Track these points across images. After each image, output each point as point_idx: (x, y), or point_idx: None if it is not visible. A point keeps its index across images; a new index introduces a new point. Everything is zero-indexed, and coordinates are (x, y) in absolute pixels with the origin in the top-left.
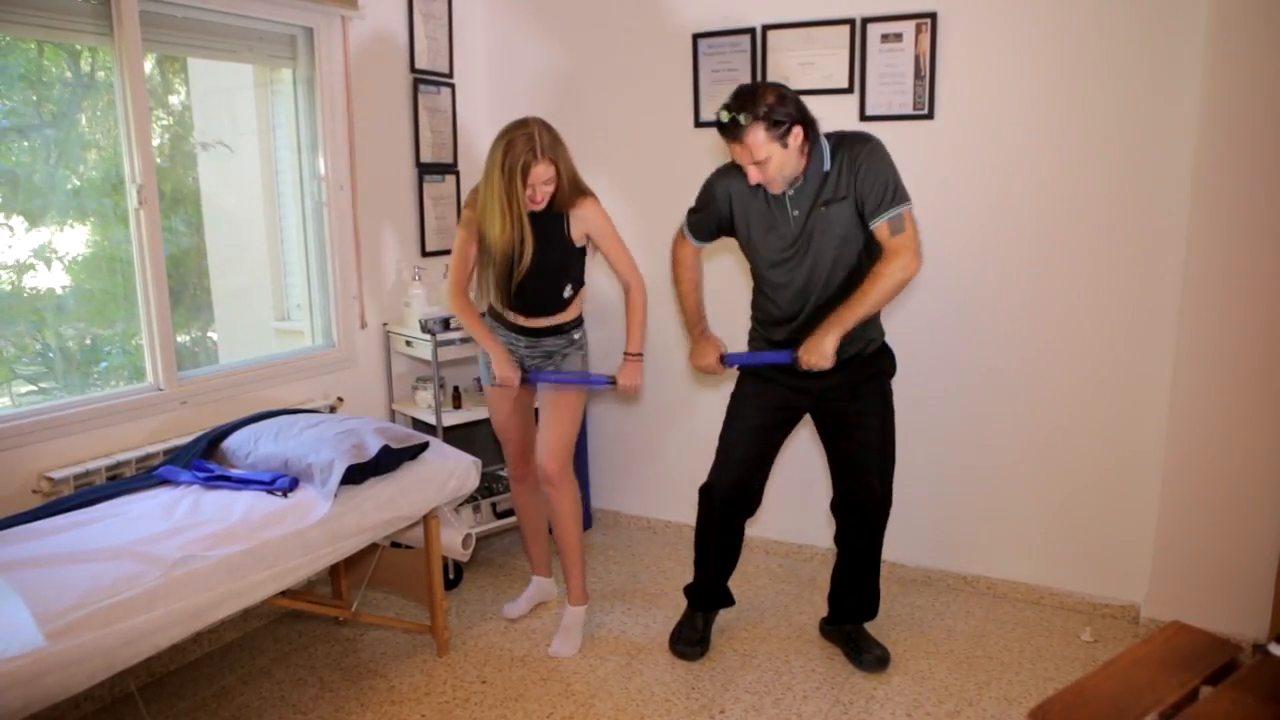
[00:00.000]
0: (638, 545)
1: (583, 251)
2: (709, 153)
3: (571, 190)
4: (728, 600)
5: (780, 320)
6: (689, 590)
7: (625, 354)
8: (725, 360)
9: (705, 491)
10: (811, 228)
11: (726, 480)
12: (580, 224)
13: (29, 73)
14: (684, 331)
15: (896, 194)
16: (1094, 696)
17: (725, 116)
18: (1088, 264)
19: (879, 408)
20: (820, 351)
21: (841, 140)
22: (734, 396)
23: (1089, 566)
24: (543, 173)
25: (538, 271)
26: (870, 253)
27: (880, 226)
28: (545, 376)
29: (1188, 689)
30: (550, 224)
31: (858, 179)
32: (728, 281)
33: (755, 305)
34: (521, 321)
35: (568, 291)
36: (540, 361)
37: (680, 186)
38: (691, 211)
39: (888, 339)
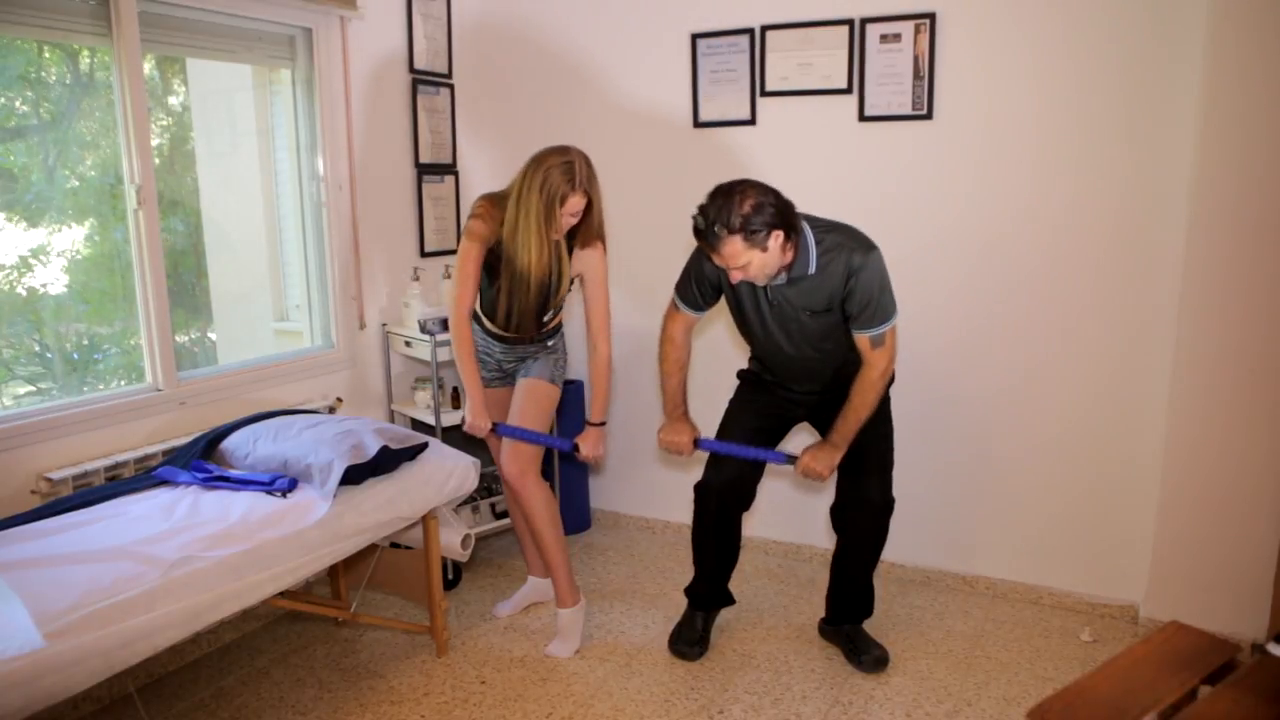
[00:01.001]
0: (637, 545)
1: (570, 285)
2: (708, 153)
3: (596, 230)
4: (728, 599)
5: (765, 360)
6: (690, 590)
7: (587, 423)
8: (699, 444)
9: (701, 489)
10: (789, 324)
11: (722, 476)
12: (579, 263)
13: (28, 73)
14: (661, 408)
15: (882, 313)
16: (1093, 696)
17: (701, 224)
18: (1087, 265)
19: (878, 418)
20: (815, 473)
21: (837, 248)
22: (733, 400)
23: (1088, 566)
24: (576, 204)
25: (534, 310)
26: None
27: (862, 338)
28: (512, 432)
29: (1187, 689)
30: (557, 250)
31: (847, 291)
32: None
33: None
34: (500, 331)
35: (548, 316)
36: (514, 364)
37: (680, 187)
38: (680, 285)
39: None
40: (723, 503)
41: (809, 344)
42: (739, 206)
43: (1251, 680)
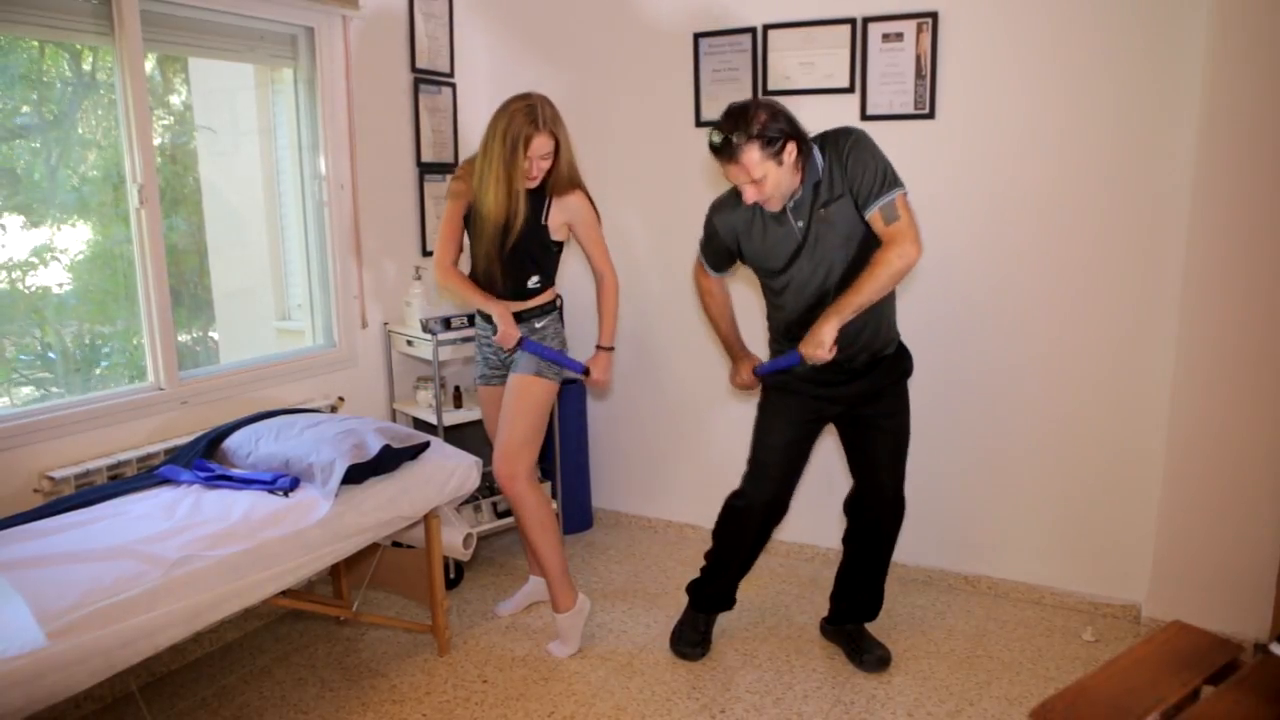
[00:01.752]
0: (638, 545)
1: (557, 247)
2: (709, 153)
3: (567, 176)
4: (733, 603)
5: (795, 328)
6: (696, 592)
7: (597, 346)
8: (756, 372)
9: (740, 505)
10: (815, 233)
11: (764, 496)
12: (562, 212)
13: (30, 72)
14: (722, 354)
15: (886, 181)
16: (1095, 696)
17: (718, 138)
18: (1088, 264)
19: (898, 408)
20: (817, 340)
21: (826, 140)
22: (762, 409)
23: (1090, 566)
24: (542, 144)
25: (499, 259)
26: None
27: (874, 215)
28: (536, 346)
29: (1189, 688)
30: (531, 206)
31: (847, 173)
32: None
33: (770, 318)
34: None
35: (533, 282)
36: (505, 356)
37: (682, 186)
38: (702, 246)
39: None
40: (765, 519)
41: (841, 258)
42: (756, 117)
43: (1254, 680)
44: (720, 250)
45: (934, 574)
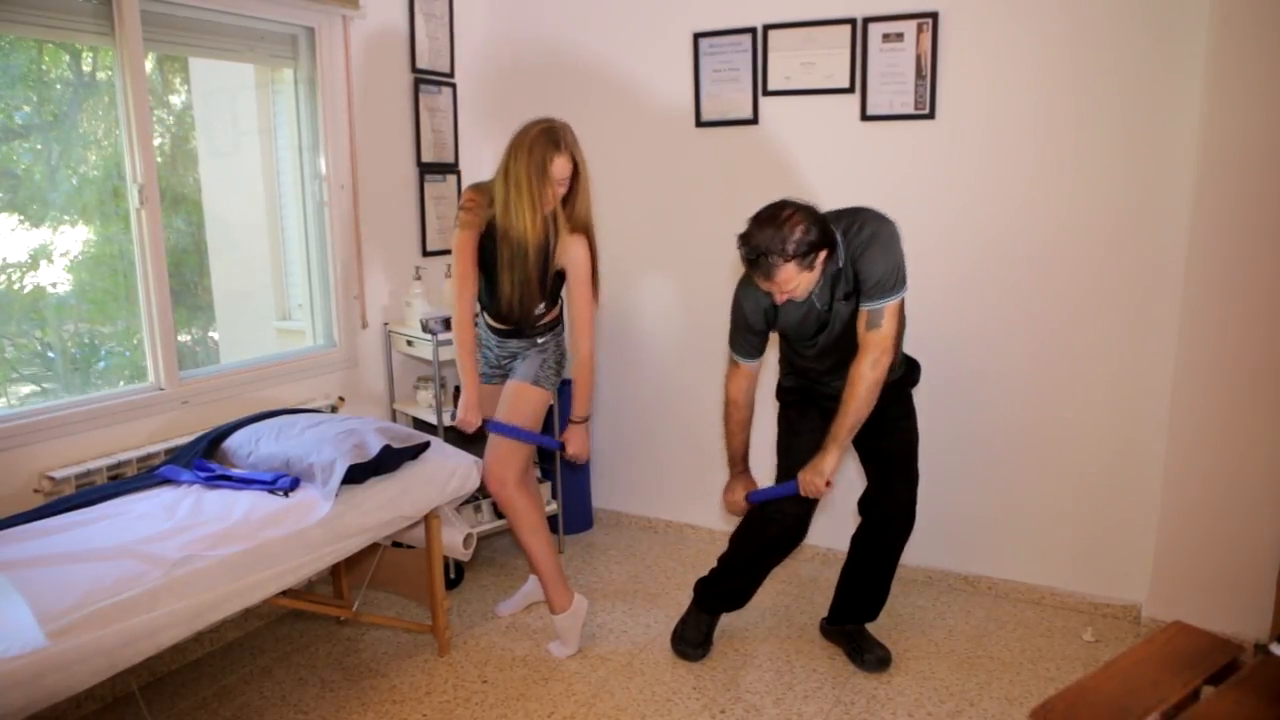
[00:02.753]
0: (638, 545)
1: (561, 278)
2: (710, 153)
3: (583, 214)
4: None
5: (809, 372)
6: (704, 592)
7: (570, 421)
8: (749, 498)
9: (775, 518)
10: (835, 314)
11: (797, 510)
12: (563, 254)
13: (30, 73)
14: (725, 465)
15: (887, 287)
16: (1096, 696)
17: (751, 255)
18: (1089, 265)
19: (905, 412)
20: (818, 470)
21: (848, 226)
22: (786, 425)
23: (1090, 566)
24: (563, 166)
25: (537, 283)
26: None
27: (862, 314)
28: (501, 428)
29: (1189, 689)
30: (545, 234)
31: (855, 266)
32: None
33: (784, 356)
34: (493, 323)
35: (539, 309)
36: (507, 360)
37: (682, 186)
38: (732, 339)
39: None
40: (794, 537)
41: (847, 337)
42: (791, 233)
43: (1254, 681)
44: (755, 330)
45: (934, 574)
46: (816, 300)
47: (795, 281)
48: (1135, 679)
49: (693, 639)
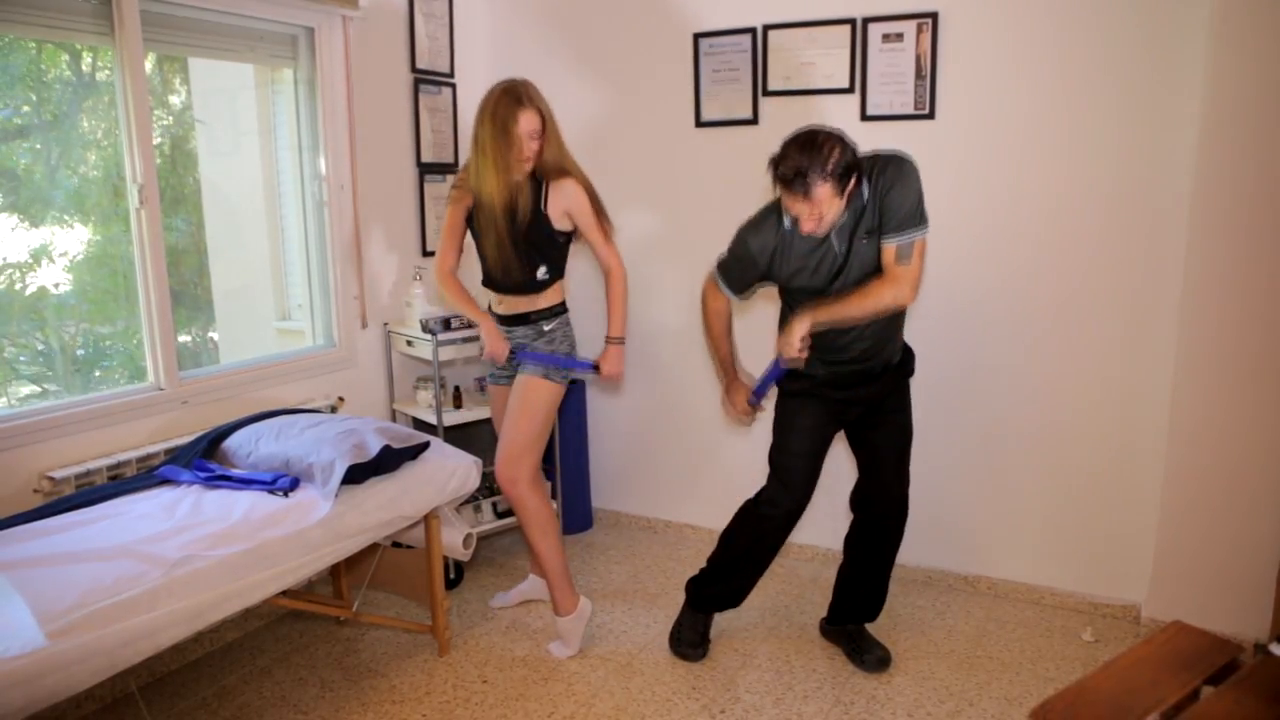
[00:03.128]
0: (638, 545)
1: (564, 238)
2: (710, 153)
3: (556, 160)
4: (739, 604)
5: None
6: (695, 592)
7: (606, 339)
8: (751, 401)
9: (766, 513)
10: (852, 259)
11: (788, 505)
12: (560, 199)
13: (30, 73)
14: (717, 375)
15: (912, 220)
16: (1095, 696)
17: (791, 173)
18: (1088, 264)
19: (902, 405)
20: (786, 340)
21: (874, 165)
22: (781, 416)
23: (1090, 566)
24: (529, 120)
25: (511, 244)
26: None
27: (889, 248)
28: (532, 355)
29: (1189, 689)
30: (530, 194)
31: (881, 201)
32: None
33: (784, 317)
34: (498, 308)
35: (542, 273)
36: (512, 354)
37: (681, 187)
38: (723, 265)
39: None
40: (789, 526)
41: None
42: (830, 153)
43: (1254, 680)
44: (748, 272)
45: (934, 574)
46: (836, 241)
47: (829, 205)
48: (1135, 679)
49: (690, 639)
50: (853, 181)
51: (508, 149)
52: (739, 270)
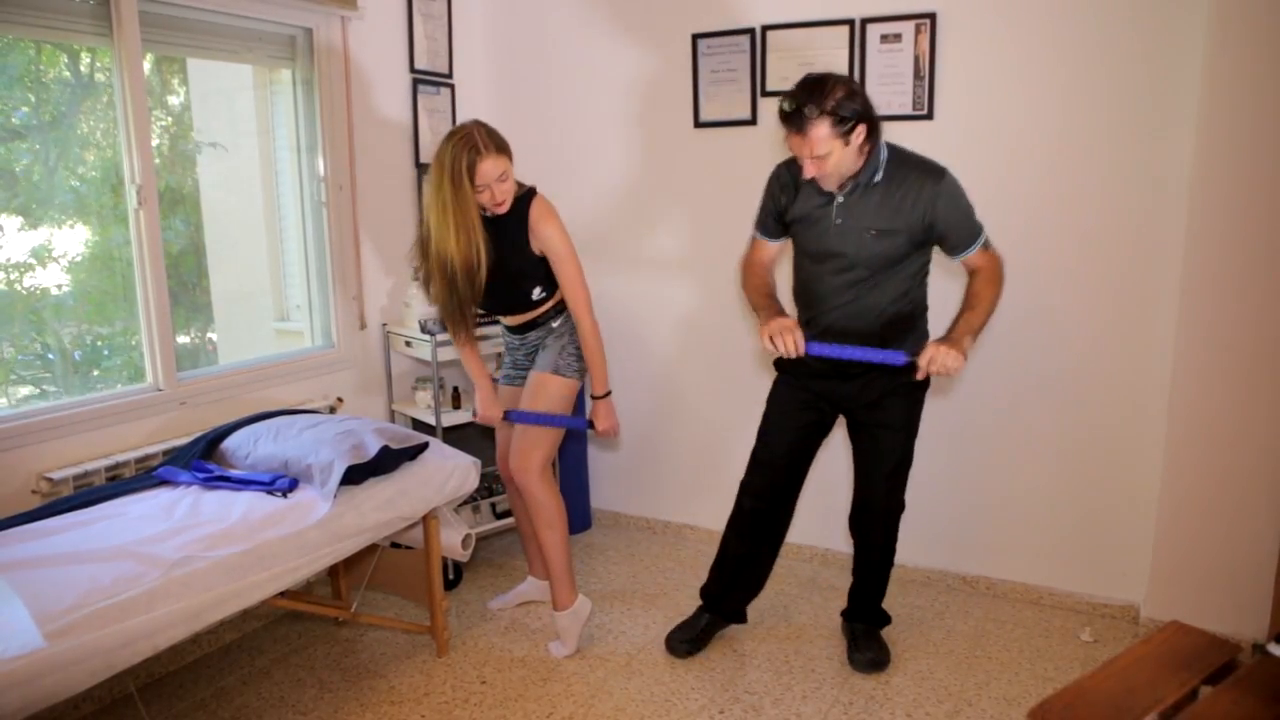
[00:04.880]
0: (638, 546)
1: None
2: (709, 153)
3: (522, 194)
4: (738, 615)
5: (814, 313)
6: (705, 587)
7: (592, 398)
8: (808, 350)
9: (739, 497)
10: (850, 244)
11: (757, 485)
12: (537, 242)
13: (28, 73)
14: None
15: (973, 228)
16: (1094, 696)
17: (790, 106)
18: (1086, 264)
19: (901, 421)
20: (954, 356)
21: (905, 163)
22: (768, 402)
23: (1088, 566)
24: (492, 168)
25: (498, 278)
26: (911, 273)
27: (969, 257)
28: (525, 418)
29: (1187, 689)
30: (511, 228)
31: (934, 220)
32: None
33: (795, 292)
34: (507, 321)
35: (536, 294)
36: (528, 357)
37: (681, 187)
38: (758, 215)
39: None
40: (763, 516)
41: (865, 267)
42: (832, 92)
43: (1252, 680)
44: (770, 205)
45: (933, 574)
46: (837, 212)
47: (827, 147)
48: (1133, 679)
49: (682, 635)
50: (861, 132)
51: (467, 205)
52: (766, 201)
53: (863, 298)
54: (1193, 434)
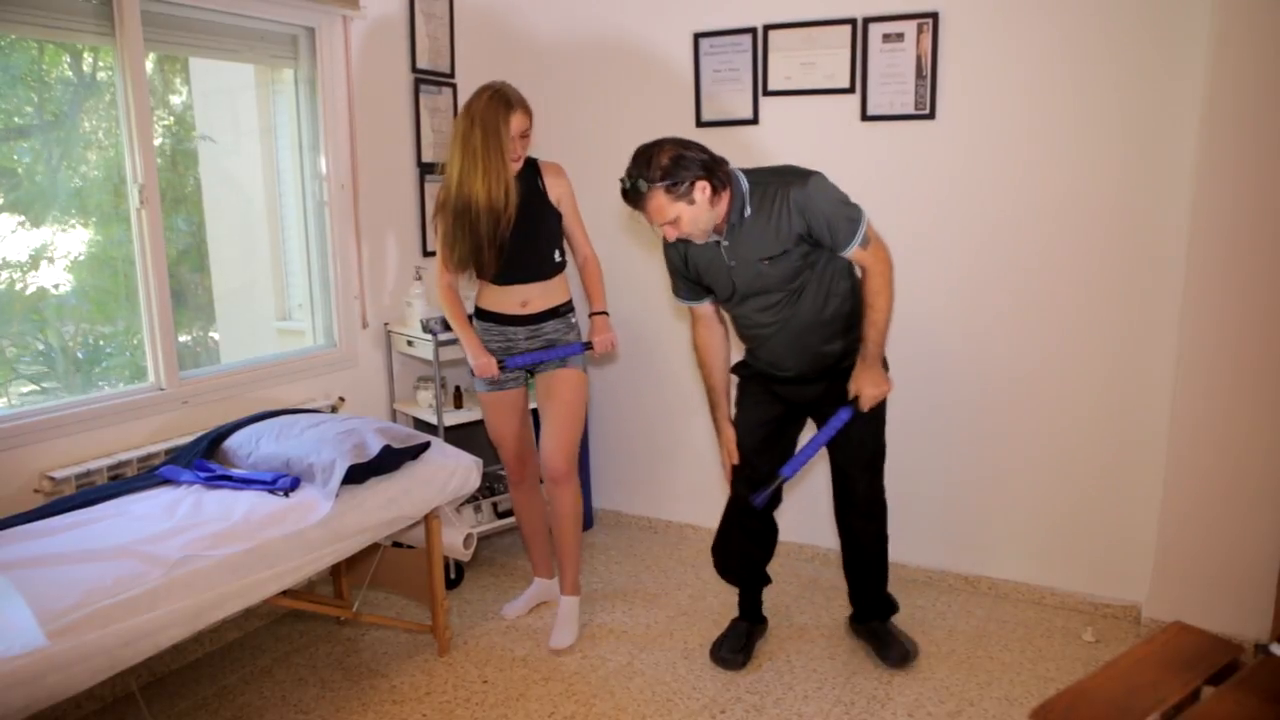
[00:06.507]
0: (639, 545)
1: (559, 218)
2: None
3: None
4: (755, 613)
5: (757, 352)
6: (713, 549)
7: (591, 314)
8: (781, 471)
9: (730, 483)
10: (754, 284)
11: (740, 486)
12: (555, 186)
13: (30, 73)
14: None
15: (851, 221)
16: (1096, 697)
17: (626, 183)
18: (1089, 265)
19: (866, 417)
20: (874, 380)
21: (766, 185)
22: (736, 404)
23: (1091, 567)
24: (521, 121)
25: (523, 231)
26: (832, 273)
27: (851, 256)
28: (518, 360)
29: (1190, 689)
30: (528, 182)
31: (808, 225)
32: None
33: (737, 334)
34: (518, 310)
35: (557, 255)
36: (537, 346)
37: None
38: (672, 282)
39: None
40: (755, 510)
41: (776, 292)
42: (658, 160)
43: (1254, 681)
44: (679, 272)
45: (934, 574)
46: (727, 254)
47: (671, 212)
48: (1135, 679)
49: (732, 645)
50: (704, 188)
51: (500, 152)
52: (674, 277)
53: (791, 317)
54: (1195, 434)
